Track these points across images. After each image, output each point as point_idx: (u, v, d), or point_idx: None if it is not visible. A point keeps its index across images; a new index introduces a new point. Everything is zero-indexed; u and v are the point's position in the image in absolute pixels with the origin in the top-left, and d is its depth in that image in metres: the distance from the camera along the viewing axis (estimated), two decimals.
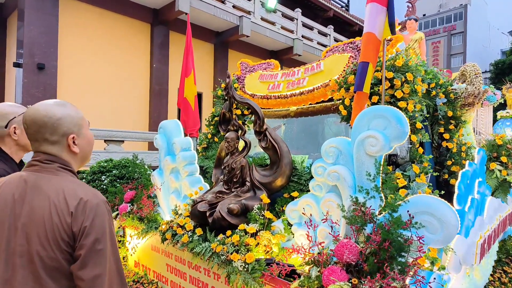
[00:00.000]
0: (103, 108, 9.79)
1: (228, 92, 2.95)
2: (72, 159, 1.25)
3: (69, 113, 1.24)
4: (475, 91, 3.68)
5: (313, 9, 17.80)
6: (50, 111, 1.20)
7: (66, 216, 1.10)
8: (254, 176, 2.88)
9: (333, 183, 2.26)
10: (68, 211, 1.10)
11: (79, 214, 1.10)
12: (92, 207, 1.12)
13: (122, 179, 5.27)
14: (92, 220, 1.11)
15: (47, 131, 1.19)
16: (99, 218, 1.12)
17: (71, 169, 1.24)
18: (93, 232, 1.10)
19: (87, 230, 1.09)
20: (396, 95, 2.73)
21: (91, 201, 1.13)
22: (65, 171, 1.22)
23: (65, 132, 1.21)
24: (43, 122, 1.18)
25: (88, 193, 1.15)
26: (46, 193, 1.13)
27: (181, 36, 11.69)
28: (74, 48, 9.39)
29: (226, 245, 2.48)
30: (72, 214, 1.10)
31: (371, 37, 2.58)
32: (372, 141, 2.09)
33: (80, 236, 1.09)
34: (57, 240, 1.09)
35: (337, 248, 1.86)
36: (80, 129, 1.26)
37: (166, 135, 3.69)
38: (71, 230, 1.09)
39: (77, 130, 1.25)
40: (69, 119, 1.22)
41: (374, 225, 1.82)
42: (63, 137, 1.21)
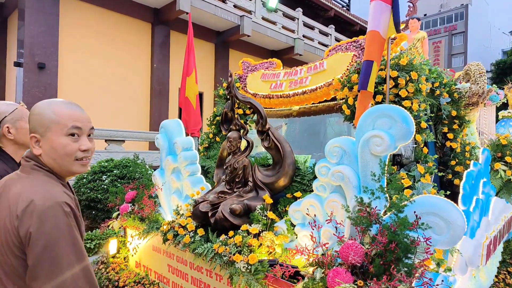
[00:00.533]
0: (104, 108, 9.76)
1: (230, 91, 2.91)
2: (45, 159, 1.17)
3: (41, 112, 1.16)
4: (480, 91, 3.64)
5: (314, 8, 17.78)
6: (36, 107, 1.18)
7: (14, 220, 1.02)
8: (257, 176, 2.85)
9: (337, 183, 2.23)
10: (16, 214, 1.02)
11: (26, 218, 1.01)
12: (41, 210, 1.01)
13: (123, 179, 5.25)
14: (40, 225, 0.99)
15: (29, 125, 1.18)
16: (49, 223, 1.00)
17: (46, 167, 1.16)
18: (41, 239, 0.98)
19: (33, 236, 0.99)
20: (401, 94, 2.70)
21: (41, 203, 1.02)
22: (39, 169, 1.15)
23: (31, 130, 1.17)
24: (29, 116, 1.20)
25: (44, 194, 1.05)
26: (9, 196, 1.08)
27: (182, 35, 11.67)
28: (75, 47, 9.37)
29: (228, 246, 2.45)
30: (18, 217, 1.01)
31: (376, 35, 2.55)
32: (377, 141, 2.05)
33: (27, 243, 1.00)
34: (9, 245, 1.02)
35: (342, 250, 1.83)
36: (46, 131, 1.16)
37: (168, 134, 3.66)
38: (19, 234, 1.01)
39: (41, 131, 1.16)
40: (38, 118, 1.16)
41: (380, 226, 1.78)
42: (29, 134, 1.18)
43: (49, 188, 1.10)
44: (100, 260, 3.51)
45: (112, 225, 3.45)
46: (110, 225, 3.46)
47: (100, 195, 5.01)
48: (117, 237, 3.52)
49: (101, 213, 5.12)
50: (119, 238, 3.52)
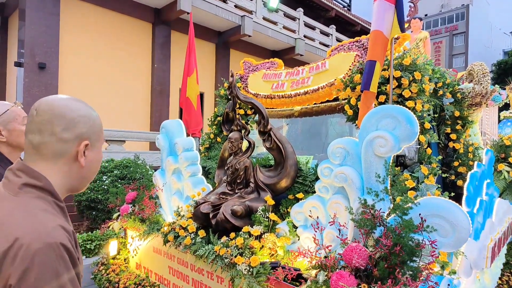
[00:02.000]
0: (104, 108, 9.74)
1: (231, 91, 2.89)
2: (70, 173, 0.94)
3: (95, 117, 0.99)
4: (483, 91, 3.61)
5: (315, 9, 17.74)
6: (75, 104, 0.97)
7: None
8: (258, 177, 2.82)
9: (340, 185, 2.20)
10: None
11: (7, 264, 0.73)
12: (28, 255, 0.73)
13: (124, 179, 5.23)
14: (22, 275, 0.71)
15: (62, 123, 0.90)
16: (36, 273, 0.72)
17: (44, 186, 0.88)
18: None
19: None
20: (404, 94, 2.67)
21: (29, 244, 0.73)
22: (32, 189, 0.86)
23: (81, 135, 0.93)
24: (61, 112, 0.91)
25: (33, 230, 0.77)
26: None
27: (182, 35, 11.64)
28: (75, 47, 9.35)
29: (229, 247, 2.42)
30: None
31: (379, 35, 2.52)
32: (381, 142, 2.03)
33: None
34: None
35: (345, 252, 1.80)
36: (97, 141, 0.99)
37: (168, 135, 3.64)
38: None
39: (94, 139, 0.98)
40: (91, 122, 0.97)
41: (384, 229, 1.75)
42: (75, 139, 0.92)
43: (42, 220, 0.81)
44: (100, 262, 3.48)
45: (113, 226, 3.42)
46: (111, 226, 3.43)
47: (100, 195, 4.98)
48: (118, 238, 3.50)
49: (101, 214, 5.09)
50: (120, 239, 3.50)
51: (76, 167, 0.95)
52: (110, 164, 5.40)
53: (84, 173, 0.98)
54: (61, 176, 0.93)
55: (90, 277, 3.53)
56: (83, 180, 1.00)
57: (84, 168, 0.96)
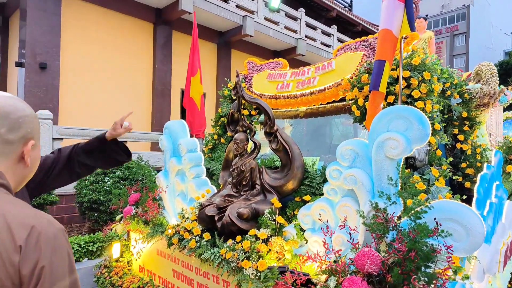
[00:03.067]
0: (105, 108, 9.70)
1: (237, 91, 2.84)
2: (16, 172, 0.95)
3: (35, 115, 0.98)
4: (491, 91, 3.56)
5: (316, 9, 17.70)
6: (18, 104, 0.94)
7: (11, 253, 0.77)
8: (264, 179, 2.77)
9: (350, 187, 2.15)
10: (14, 245, 0.77)
11: (31, 250, 0.78)
12: (49, 240, 0.81)
13: (126, 180, 5.18)
14: (51, 258, 0.80)
15: (6, 124, 0.89)
16: (59, 255, 0.82)
17: (7, 183, 0.90)
18: (52, 276, 0.79)
19: (45, 272, 0.78)
20: (413, 95, 2.62)
21: (46, 231, 0.82)
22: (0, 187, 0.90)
23: (26, 135, 0.93)
24: (4, 113, 0.89)
25: (41, 219, 0.84)
26: None
27: (184, 36, 11.60)
28: (77, 47, 9.31)
29: (236, 251, 2.37)
30: (21, 249, 0.77)
31: (388, 34, 2.47)
32: (393, 143, 1.98)
33: (33, 282, 0.77)
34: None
35: (357, 258, 1.75)
36: (38, 139, 1.00)
37: (172, 136, 3.59)
38: (19, 272, 0.77)
39: (37, 138, 0.99)
40: (35, 121, 0.97)
41: (399, 233, 1.70)
42: (21, 140, 0.93)
43: (35, 211, 0.88)
44: (103, 264, 3.43)
45: (116, 228, 3.37)
46: (114, 228, 3.38)
47: (102, 196, 4.94)
48: (120, 241, 3.45)
49: (103, 215, 5.05)
50: (123, 241, 3.45)
51: (21, 167, 0.96)
52: None
53: (27, 172, 1.00)
54: (9, 175, 0.94)
55: (92, 280, 3.48)
56: (24, 178, 1.01)
57: (28, 168, 0.98)
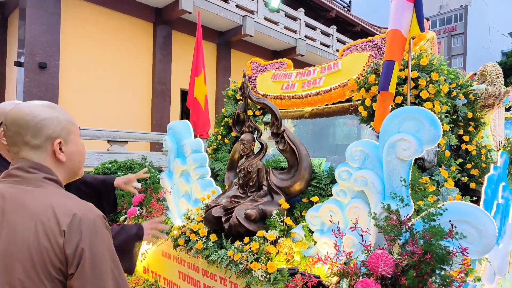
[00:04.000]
0: (105, 108, 9.66)
1: (243, 91, 2.82)
2: (58, 169, 1.07)
3: (57, 115, 1.07)
4: (496, 92, 3.55)
5: (315, 9, 17.70)
6: (34, 111, 1.03)
7: (57, 236, 0.90)
8: (271, 180, 2.75)
9: (360, 189, 2.14)
10: (59, 230, 0.91)
11: (74, 233, 0.91)
12: (89, 224, 0.94)
13: None
14: (90, 240, 0.93)
15: (29, 132, 1.01)
16: (98, 237, 0.95)
17: (57, 179, 1.05)
18: (92, 255, 0.92)
19: (85, 253, 0.91)
20: (422, 95, 2.61)
21: (86, 216, 0.95)
22: (51, 182, 1.03)
23: (50, 136, 1.04)
24: (24, 122, 1.00)
25: (82, 207, 0.97)
26: (31, 210, 0.93)
27: (184, 35, 11.57)
28: (76, 47, 9.26)
29: (244, 253, 2.35)
30: (65, 233, 0.91)
31: (397, 34, 2.46)
32: (405, 145, 1.96)
33: (76, 261, 0.91)
34: (46, 267, 0.89)
35: (370, 260, 1.73)
36: (69, 134, 1.09)
37: (176, 136, 3.56)
38: (64, 253, 0.90)
39: (65, 135, 1.08)
40: (55, 121, 1.05)
41: (414, 236, 1.68)
42: (47, 141, 1.03)
43: (79, 200, 1.01)
44: None
45: None
46: None
47: None
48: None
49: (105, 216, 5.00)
50: None
51: (60, 164, 1.08)
52: (113, 165, 5.31)
53: (70, 165, 1.11)
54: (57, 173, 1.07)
55: None
56: (71, 172, 1.13)
57: (67, 162, 1.09)
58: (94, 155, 6.44)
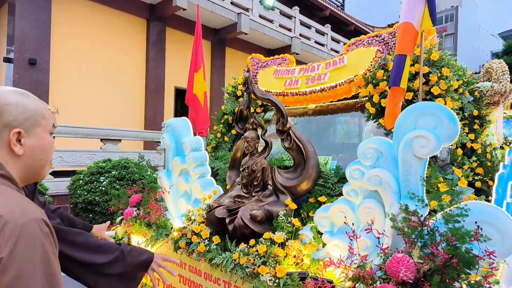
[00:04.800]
0: (97, 106, 9.45)
1: (248, 87, 2.70)
2: (12, 163, 0.95)
3: (25, 103, 0.96)
4: (502, 89, 3.49)
5: (309, 8, 17.64)
6: (3, 93, 0.94)
7: None
8: (277, 179, 2.64)
9: (373, 189, 2.04)
10: None
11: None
12: (15, 229, 0.78)
13: (122, 180, 4.99)
14: (13, 248, 0.77)
15: None
16: (25, 245, 0.78)
17: (6, 174, 0.92)
18: (14, 266, 0.76)
19: (4, 263, 0.76)
20: (433, 91, 2.52)
21: (14, 220, 0.79)
22: None
23: (9, 123, 0.93)
24: None
25: (16, 208, 0.82)
26: None
27: (178, 32, 11.40)
28: (68, 43, 9.03)
29: (250, 256, 2.23)
30: None
31: (409, 27, 2.36)
32: (423, 142, 1.86)
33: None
34: None
35: (390, 264, 1.63)
36: (34, 126, 0.98)
37: (175, 134, 3.43)
38: None
39: (29, 126, 0.96)
40: (20, 109, 0.94)
41: (440, 239, 1.58)
42: (4, 129, 0.92)
43: (21, 200, 0.87)
44: None
45: (116, 231, 3.20)
46: (114, 231, 3.21)
47: (98, 197, 4.74)
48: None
49: (98, 217, 4.85)
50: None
51: (16, 157, 0.95)
52: (107, 164, 5.16)
53: (28, 161, 0.98)
54: (11, 168, 0.94)
55: None
56: (30, 168, 0.99)
57: (24, 157, 0.96)
58: (87, 154, 6.26)
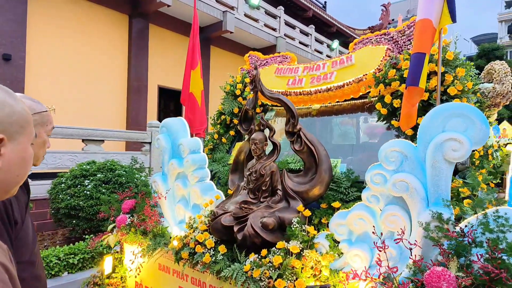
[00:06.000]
0: (76, 105, 9.01)
1: (255, 85, 2.53)
2: None
3: (12, 103, 0.78)
4: (504, 91, 3.47)
5: (293, 8, 17.60)
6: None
7: None
8: (287, 184, 2.47)
9: (399, 195, 1.91)
10: None
11: None
12: None
13: (108, 183, 4.70)
14: None
15: None
16: None
17: None
18: None
19: None
20: (450, 92, 2.43)
21: None
22: None
23: None
24: None
25: None
26: None
27: (161, 29, 11.08)
28: (45, 38, 8.56)
29: (263, 267, 2.06)
30: None
31: (428, 24, 2.25)
32: (455, 145, 1.75)
33: None
34: None
35: (429, 279, 1.50)
36: (19, 133, 0.79)
37: (171, 135, 3.22)
38: None
39: (13, 132, 0.78)
40: (7, 110, 0.76)
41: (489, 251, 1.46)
42: None
43: None
44: (91, 281, 3.00)
45: (108, 240, 2.95)
46: (105, 240, 2.96)
47: (82, 202, 4.44)
48: (113, 254, 3.03)
49: (83, 223, 4.55)
50: (115, 254, 3.03)
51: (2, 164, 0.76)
52: (92, 166, 4.85)
53: (3, 177, 0.77)
54: None
55: None
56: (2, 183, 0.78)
57: (1, 170, 0.76)
58: (67, 155, 5.90)
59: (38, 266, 1.39)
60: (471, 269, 1.48)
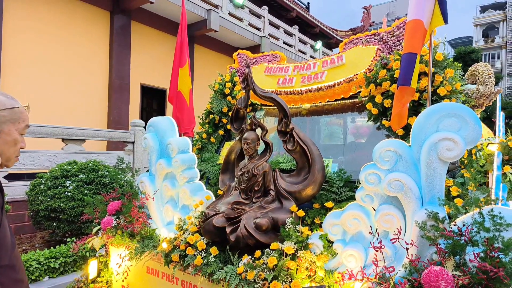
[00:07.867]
0: (55, 103, 8.72)
1: (247, 84, 2.49)
2: None
3: None
4: (488, 92, 3.56)
5: (277, 8, 17.63)
6: None
7: None
8: (280, 184, 2.45)
9: (394, 194, 1.91)
10: None
11: None
12: None
13: (91, 184, 4.56)
14: None
15: None
16: None
17: None
18: None
19: None
20: (439, 92, 2.46)
21: None
22: None
23: None
24: None
25: None
26: None
27: (144, 27, 10.87)
28: (22, 33, 8.24)
29: (257, 268, 2.03)
30: None
31: (419, 25, 2.27)
32: (449, 145, 1.77)
33: None
34: None
35: (427, 278, 1.50)
36: None
37: (158, 134, 3.15)
38: None
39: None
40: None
41: (488, 250, 1.47)
42: None
43: None
44: (75, 286, 2.89)
45: (92, 243, 2.85)
46: (90, 243, 2.86)
47: (63, 203, 4.28)
48: (98, 257, 2.93)
49: (64, 225, 4.39)
50: (100, 258, 2.93)
51: None
52: (73, 166, 4.69)
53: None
54: None
55: None
56: None
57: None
58: (46, 155, 5.68)
59: (19, 270, 1.33)
60: (468, 268, 1.49)
